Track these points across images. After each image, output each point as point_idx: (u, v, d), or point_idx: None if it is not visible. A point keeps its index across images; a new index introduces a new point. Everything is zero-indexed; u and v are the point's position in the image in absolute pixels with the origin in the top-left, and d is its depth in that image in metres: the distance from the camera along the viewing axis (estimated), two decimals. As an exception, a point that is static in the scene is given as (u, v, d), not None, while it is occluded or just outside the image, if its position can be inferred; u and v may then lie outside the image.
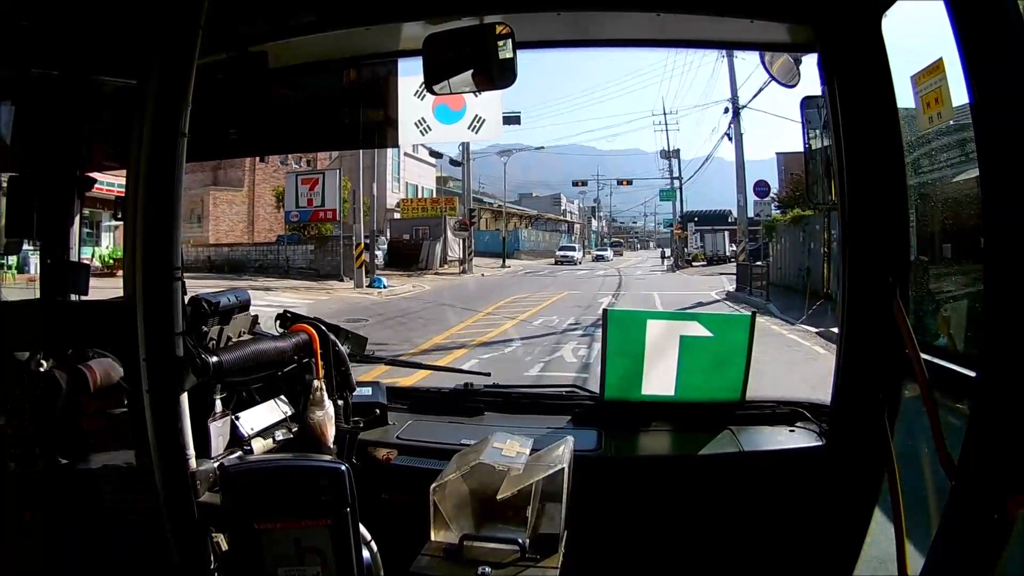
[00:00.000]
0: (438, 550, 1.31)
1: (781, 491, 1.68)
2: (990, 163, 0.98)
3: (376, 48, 1.81)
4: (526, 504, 1.34)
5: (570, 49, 1.86)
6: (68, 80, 1.55)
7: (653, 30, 1.70)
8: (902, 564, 1.32)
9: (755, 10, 1.56)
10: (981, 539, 0.97)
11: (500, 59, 1.50)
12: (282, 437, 1.43)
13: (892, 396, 1.47)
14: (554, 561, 1.29)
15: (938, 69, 1.41)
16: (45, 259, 1.56)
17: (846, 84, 1.51)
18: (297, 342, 1.50)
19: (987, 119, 0.98)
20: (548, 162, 59.39)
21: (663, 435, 1.90)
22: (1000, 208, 0.97)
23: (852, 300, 1.54)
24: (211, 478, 1.20)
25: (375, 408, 1.80)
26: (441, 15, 1.54)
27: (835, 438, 1.67)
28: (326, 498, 1.18)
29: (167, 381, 1.14)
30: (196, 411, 1.21)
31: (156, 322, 1.14)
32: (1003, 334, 0.98)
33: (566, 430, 1.84)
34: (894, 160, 1.47)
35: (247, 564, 1.19)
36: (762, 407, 1.91)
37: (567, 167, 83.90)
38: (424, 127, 2.43)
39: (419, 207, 33.74)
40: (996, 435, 0.98)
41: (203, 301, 1.35)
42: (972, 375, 1.15)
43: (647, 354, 1.85)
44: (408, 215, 33.37)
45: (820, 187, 1.73)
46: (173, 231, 1.15)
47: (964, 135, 2.40)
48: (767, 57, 1.84)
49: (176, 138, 1.14)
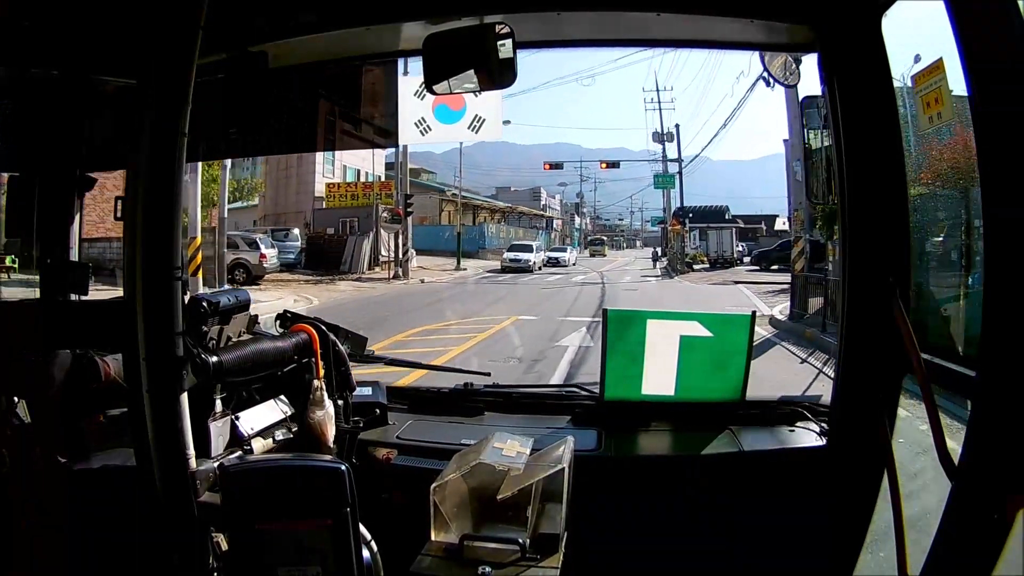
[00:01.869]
0: (438, 550, 1.31)
1: (781, 491, 1.68)
2: (990, 163, 0.98)
3: (376, 48, 1.81)
4: (526, 504, 1.33)
5: (570, 49, 1.86)
6: (68, 80, 1.55)
7: (653, 30, 1.70)
8: (902, 564, 1.32)
9: (755, 10, 1.56)
10: (981, 539, 0.97)
11: (500, 59, 1.50)
12: (282, 437, 1.43)
13: (892, 396, 1.47)
14: (554, 561, 1.29)
15: (938, 69, 1.41)
16: (45, 259, 1.56)
17: (846, 84, 1.51)
18: (297, 342, 1.50)
19: (987, 119, 0.98)
20: (533, 159, 57.23)
21: (663, 435, 1.90)
22: (1000, 208, 0.97)
23: (852, 300, 1.54)
24: (211, 478, 1.20)
25: (375, 408, 1.80)
26: (441, 15, 1.54)
27: (835, 437, 1.67)
28: (326, 498, 1.18)
29: (167, 381, 1.14)
30: (196, 411, 1.21)
31: (156, 322, 1.14)
32: (1003, 334, 0.97)
33: (566, 430, 1.84)
34: (894, 160, 1.47)
35: (247, 564, 1.19)
36: (762, 407, 1.91)
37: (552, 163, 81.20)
38: (424, 127, 2.44)
39: (347, 194, 27.26)
40: (996, 435, 0.98)
41: (203, 301, 1.35)
42: (972, 375, 1.15)
43: (647, 354, 1.85)
44: (334, 204, 27.15)
45: (820, 187, 1.73)
46: (173, 231, 1.15)
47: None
48: (767, 57, 1.84)
49: (176, 138, 1.13)
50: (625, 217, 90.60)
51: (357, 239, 23.71)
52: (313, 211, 27.08)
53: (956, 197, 4.26)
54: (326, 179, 28.10)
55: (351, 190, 27.40)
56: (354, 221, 25.62)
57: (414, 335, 10.04)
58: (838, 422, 1.66)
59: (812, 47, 1.61)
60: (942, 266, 3.71)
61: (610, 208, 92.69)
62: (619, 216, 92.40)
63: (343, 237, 24.33)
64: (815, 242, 11.70)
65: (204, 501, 1.19)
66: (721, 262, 29.67)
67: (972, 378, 1.11)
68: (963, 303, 2.55)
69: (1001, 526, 0.94)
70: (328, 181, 27.95)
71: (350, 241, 23.72)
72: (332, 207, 26.96)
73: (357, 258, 23.10)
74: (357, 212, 25.84)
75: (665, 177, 33.08)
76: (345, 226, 25.73)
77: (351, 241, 23.67)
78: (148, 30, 1.18)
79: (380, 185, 26.64)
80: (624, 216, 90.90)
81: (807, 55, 1.70)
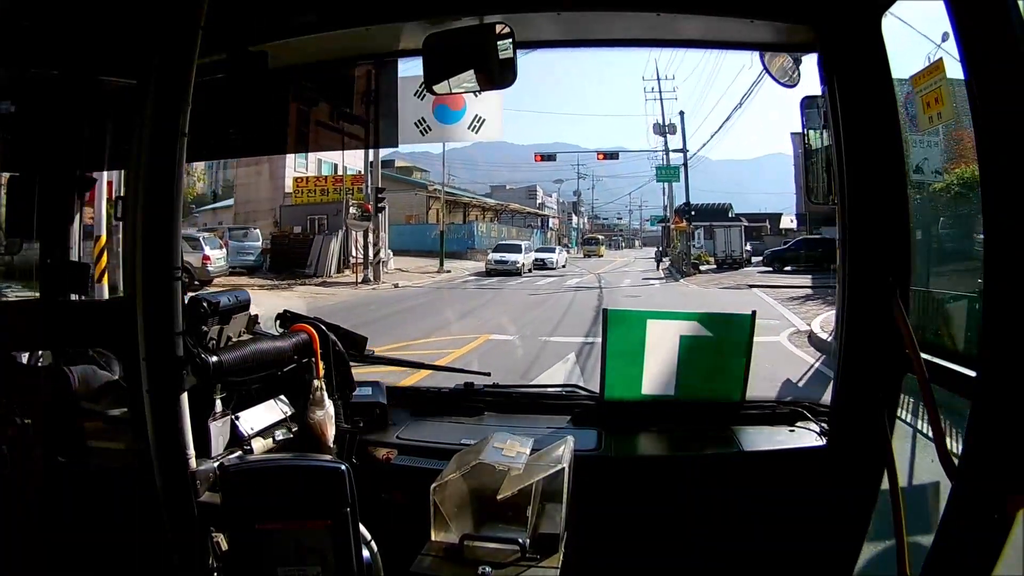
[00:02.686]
0: (438, 550, 1.31)
1: (781, 491, 1.68)
2: (990, 163, 0.98)
3: (376, 48, 1.81)
4: (526, 504, 1.33)
5: (570, 49, 1.86)
6: (68, 80, 1.55)
7: (653, 30, 1.70)
8: (902, 564, 1.32)
9: (755, 10, 1.56)
10: (981, 539, 0.97)
11: (500, 59, 1.50)
12: (282, 437, 1.43)
13: (892, 396, 1.48)
14: (554, 561, 1.29)
15: (938, 69, 1.41)
16: (45, 259, 1.56)
17: (846, 84, 1.51)
18: (297, 342, 1.50)
19: (987, 119, 0.98)
20: (530, 158, 56.54)
21: (663, 435, 1.90)
22: (1000, 208, 0.97)
23: (852, 300, 1.54)
24: (211, 478, 1.20)
25: (375, 408, 1.80)
26: (441, 15, 1.54)
27: (835, 438, 1.67)
28: (326, 498, 1.18)
29: (167, 381, 1.14)
30: (196, 411, 1.21)
31: (156, 322, 1.14)
32: (1003, 334, 0.98)
33: (566, 430, 1.84)
34: (894, 160, 1.47)
35: (247, 564, 1.19)
36: (762, 407, 1.91)
37: (549, 164, 79.45)
38: (424, 127, 2.44)
39: (316, 188, 24.40)
40: (996, 435, 0.98)
41: (203, 301, 1.35)
42: (972, 375, 1.15)
43: (647, 354, 1.85)
44: (302, 200, 24.24)
45: (820, 187, 1.73)
46: (173, 231, 1.15)
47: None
48: (767, 57, 1.84)
49: (176, 138, 1.14)
50: (624, 216, 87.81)
51: (324, 238, 20.75)
52: (280, 208, 24.26)
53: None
54: (298, 173, 25.27)
55: (320, 184, 24.49)
56: (323, 219, 22.55)
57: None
58: (838, 422, 1.66)
59: (812, 47, 1.61)
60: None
61: (608, 206, 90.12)
62: (618, 215, 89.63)
63: (310, 236, 21.52)
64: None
65: (204, 501, 1.19)
66: (729, 263, 26.96)
67: (972, 378, 1.11)
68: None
69: (1001, 526, 0.94)
70: (296, 175, 25.06)
71: (316, 241, 20.83)
72: (300, 203, 24.13)
73: (323, 260, 20.23)
74: (327, 209, 22.85)
75: (668, 169, 29.39)
76: (313, 224, 22.77)
77: (317, 241, 20.81)
78: (148, 30, 1.18)
79: (353, 179, 23.28)
80: (623, 215, 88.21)
81: (807, 55, 1.70)
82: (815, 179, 1.74)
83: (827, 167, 1.66)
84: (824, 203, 1.73)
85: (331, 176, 25.23)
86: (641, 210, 78.05)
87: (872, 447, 1.48)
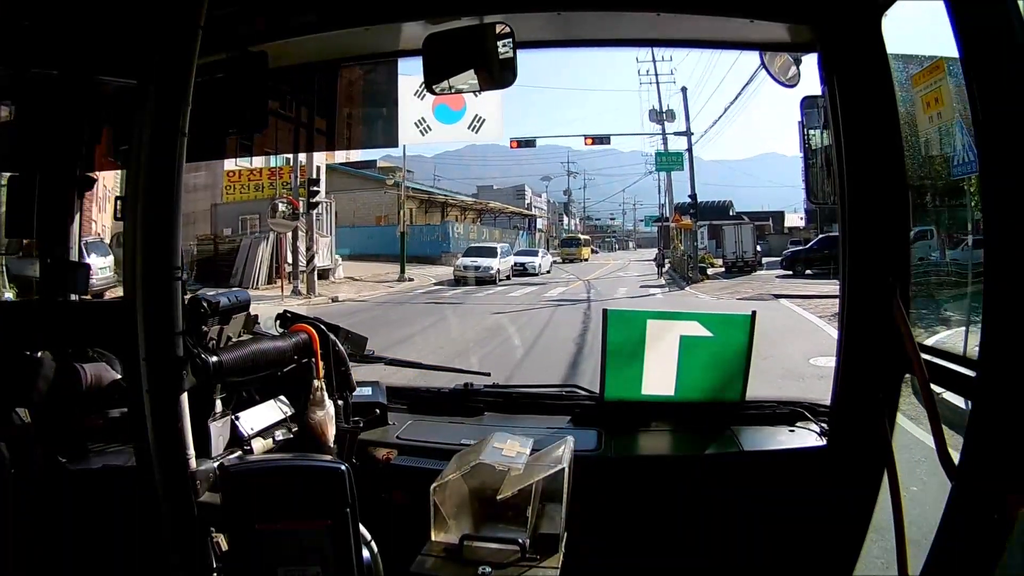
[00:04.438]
0: (438, 550, 1.31)
1: (782, 491, 1.68)
2: (990, 163, 0.98)
3: (376, 48, 1.81)
4: (526, 504, 1.33)
5: (570, 49, 1.86)
6: (68, 80, 1.55)
7: (653, 30, 1.70)
8: (902, 564, 1.32)
9: (755, 10, 1.56)
10: (981, 539, 0.97)
11: (500, 59, 1.50)
12: (282, 437, 1.43)
13: (892, 396, 1.47)
14: (554, 561, 1.29)
15: (938, 69, 1.41)
16: (45, 259, 1.56)
17: (846, 84, 1.51)
18: (297, 342, 1.50)
19: (987, 119, 0.98)
20: (520, 158, 55.27)
21: (663, 435, 1.90)
22: (1000, 208, 0.97)
23: (852, 300, 1.54)
24: (211, 478, 1.20)
25: (375, 408, 1.80)
26: (441, 15, 1.54)
27: (835, 438, 1.67)
28: (326, 498, 1.18)
29: (167, 381, 1.14)
30: (196, 411, 1.21)
31: (156, 322, 1.14)
32: (1003, 334, 0.98)
33: (566, 430, 1.84)
34: (894, 160, 1.47)
35: (247, 564, 1.19)
36: (762, 407, 1.90)
37: (538, 164, 76.41)
38: (424, 127, 2.44)
39: (250, 184, 20.46)
40: (996, 435, 0.98)
41: (203, 301, 1.35)
42: (972, 375, 1.15)
43: (647, 354, 1.85)
44: (235, 197, 20.45)
45: (820, 187, 1.73)
46: (173, 231, 1.15)
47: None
48: (767, 57, 1.84)
49: (176, 138, 1.13)
50: (617, 216, 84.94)
51: (252, 242, 17.32)
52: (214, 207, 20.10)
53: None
54: (239, 166, 20.54)
55: (255, 179, 20.44)
56: (255, 219, 18.98)
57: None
58: (838, 422, 1.66)
59: (812, 47, 1.61)
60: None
61: (601, 206, 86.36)
62: (611, 215, 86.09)
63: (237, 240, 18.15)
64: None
65: (204, 501, 1.19)
66: (740, 266, 23.19)
67: (972, 378, 1.11)
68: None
69: (1001, 526, 0.94)
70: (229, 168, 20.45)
71: (243, 245, 17.36)
72: (232, 201, 20.30)
73: (250, 268, 16.96)
74: (260, 207, 18.84)
75: (670, 155, 25.17)
76: (245, 225, 19.36)
77: (244, 245, 17.41)
78: (148, 30, 1.18)
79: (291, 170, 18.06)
80: (616, 215, 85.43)
81: (807, 55, 1.70)
82: (815, 179, 1.74)
83: (827, 167, 1.66)
84: (825, 203, 1.73)
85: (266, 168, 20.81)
86: (635, 210, 76.67)
87: (872, 447, 1.48)
